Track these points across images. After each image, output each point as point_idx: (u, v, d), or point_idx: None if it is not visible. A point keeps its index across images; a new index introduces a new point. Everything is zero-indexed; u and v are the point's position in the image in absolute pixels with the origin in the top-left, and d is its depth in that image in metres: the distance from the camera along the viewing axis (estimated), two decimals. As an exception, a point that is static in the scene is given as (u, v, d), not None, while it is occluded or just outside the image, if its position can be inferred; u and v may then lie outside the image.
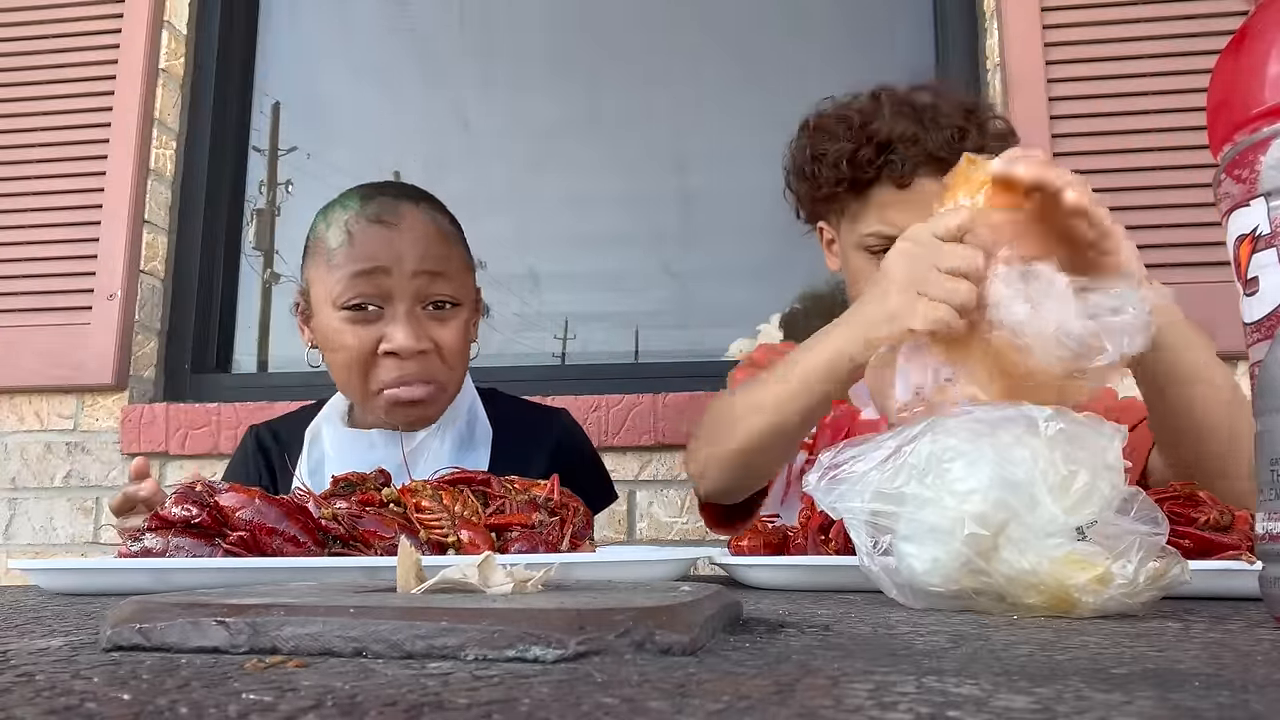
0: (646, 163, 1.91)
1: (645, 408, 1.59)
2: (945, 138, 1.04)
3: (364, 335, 1.01)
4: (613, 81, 1.98)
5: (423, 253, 1.03)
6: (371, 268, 1.01)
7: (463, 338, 1.07)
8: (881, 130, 1.07)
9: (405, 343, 1.00)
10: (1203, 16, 1.56)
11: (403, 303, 1.01)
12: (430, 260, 1.03)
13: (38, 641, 0.36)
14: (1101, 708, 0.22)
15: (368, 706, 0.22)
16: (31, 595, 0.63)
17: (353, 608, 0.31)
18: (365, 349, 1.01)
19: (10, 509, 1.73)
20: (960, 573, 0.48)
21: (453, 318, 1.05)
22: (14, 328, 1.75)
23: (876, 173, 1.07)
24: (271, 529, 0.68)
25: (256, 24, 2.04)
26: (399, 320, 1.00)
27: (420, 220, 1.06)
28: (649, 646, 0.30)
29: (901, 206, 1.07)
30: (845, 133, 1.09)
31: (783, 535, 0.76)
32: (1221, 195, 0.44)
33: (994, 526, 0.47)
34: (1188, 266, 1.50)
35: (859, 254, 1.12)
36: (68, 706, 0.22)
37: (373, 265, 1.01)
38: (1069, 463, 0.47)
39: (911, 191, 1.06)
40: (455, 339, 1.05)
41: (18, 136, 1.82)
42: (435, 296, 1.03)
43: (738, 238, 1.87)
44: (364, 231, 1.03)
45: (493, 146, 1.98)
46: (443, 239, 1.07)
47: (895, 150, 1.05)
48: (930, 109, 1.07)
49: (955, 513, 0.48)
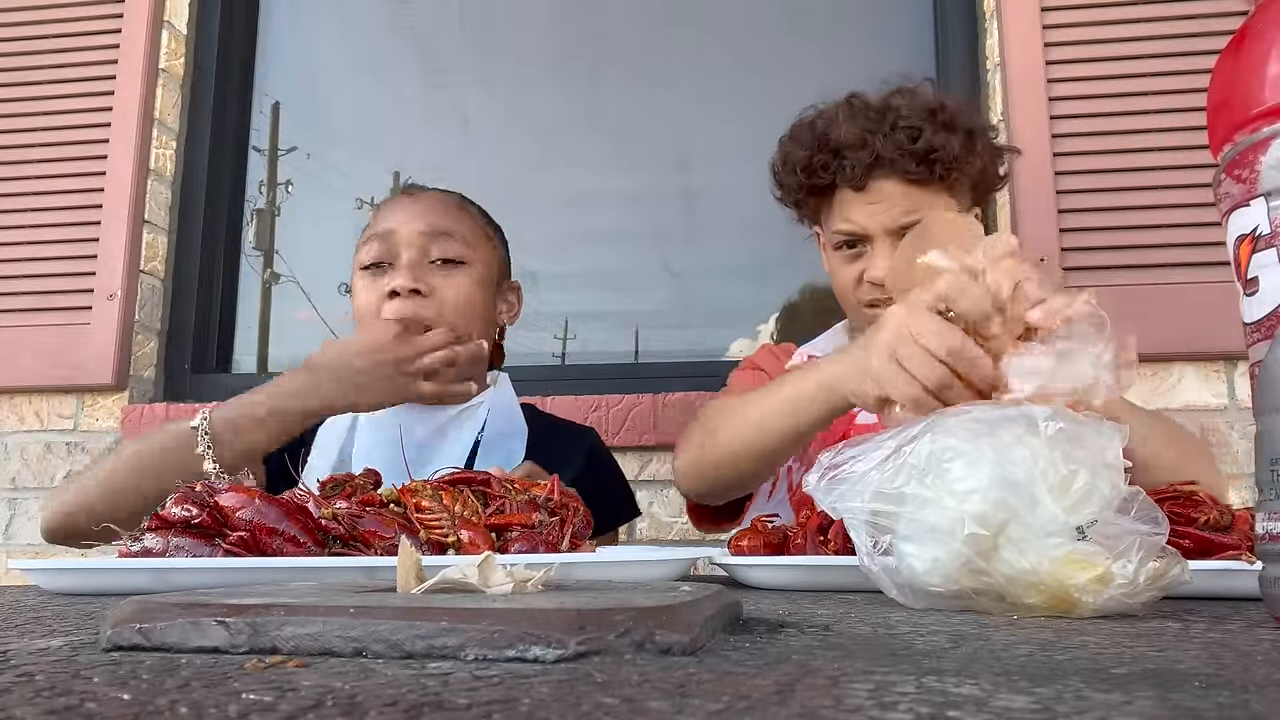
0: (647, 161, 1.91)
1: (645, 408, 1.59)
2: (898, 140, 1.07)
3: (375, 286, 1.10)
4: (613, 80, 1.98)
5: (430, 215, 1.13)
6: (384, 230, 1.11)
7: (468, 294, 1.13)
8: (833, 136, 1.11)
9: (402, 281, 1.08)
10: (1203, 16, 1.56)
11: (407, 253, 1.11)
12: (437, 220, 1.12)
13: (38, 641, 0.36)
14: (1101, 708, 0.22)
15: (368, 706, 0.22)
16: (31, 595, 0.63)
17: (353, 608, 0.31)
18: (376, 298, 1.10)
19: (10, 509, 1.73)
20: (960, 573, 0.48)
21: (457, 273, 1.12)
22: (14, 328, 1.75)
23: (832, 178, 1.12)
24: (271, 529, 0.68)
25: (256, 24, 2.04)
26: (401, 267, 1.10)
27: (437, 195, 1.18)
28: (649, 646, 0.30)
29: (859, 206, 1.11)
30: (807, 140, 1.14)
31: (783, 535, 0.76)
32: (1221, 195, 0.44)
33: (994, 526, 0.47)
34: (1188, 266, 1.50)
35: (833, 253, 1.17)
36: (68, 706, 0.22)
37: (385, 228, 1.11)
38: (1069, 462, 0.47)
39: (868, 193, 1.10)
40: (457, 292, 1.12)
41: (18, 136, 1.82)
42: (439, 254, 1.11)
43: (738, 237, 1.87)
44: (386, 204, 1.17)
45: (493, 145, 1.98)
46: (455, 208, 1.16)
47: (846, 156, 1.09)
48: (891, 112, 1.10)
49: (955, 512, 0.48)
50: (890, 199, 1.09)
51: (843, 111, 1.13)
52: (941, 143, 1.07)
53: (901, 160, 1.07)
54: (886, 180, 1.08)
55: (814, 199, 1.16)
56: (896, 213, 1.08)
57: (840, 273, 1.16)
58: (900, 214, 1.08)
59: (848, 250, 1.13)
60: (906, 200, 1.08)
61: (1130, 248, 1.53)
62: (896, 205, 1.08)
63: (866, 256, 1.12)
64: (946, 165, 1.07)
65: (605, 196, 1.92)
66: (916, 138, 1.07)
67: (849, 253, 1.13)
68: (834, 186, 1.13)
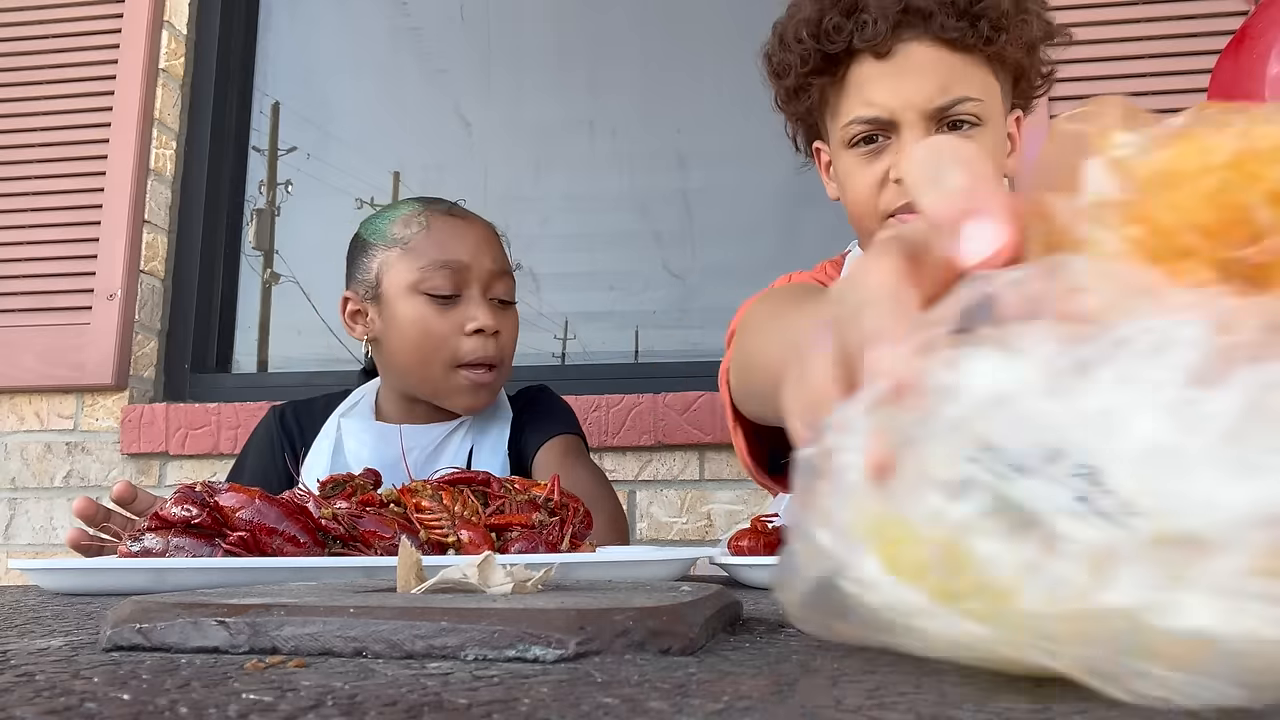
0: (647, 162, 1.91)
1: (645, 408, 1.59)
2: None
3: (449, 318, 1.11)
4: (613, 80, 1.98)
5: (493, 252, 1.16)
6: (454, 260, 1.12)
7: (517, 332, 1.19)
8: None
9: (488, 321, 1.11)
10: (1203, 16, 1.56)
11: (480, 289, 1.13)
12: (498, 258, 1.16)
13: (38, 641, 0.36)
14: (1101, 708, 0.22)
15: (368, 706, 0.22)
16: (31, 595, 0.63)
17: (353, 608, 0.31)
18: (451, 329, 1.11)
19: (10, 509, 1.73)
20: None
21: (510, 313, 1.18)
22: (14, 328, 1.75)
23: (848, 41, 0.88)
24: (271, 529, 0.68)
25: (256, 24, 2.04)
26: (480, 303, 1.12)
27: (482, 222, 1.19)
28: (649, 646, 0.30)
29: (882, 80, 0.87)
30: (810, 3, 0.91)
31: (783, 535, 0.76)
32: (1221, 195, 0.44)
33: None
34: (1188, 266, 1.50)
35: (844, 153, 0.93)
36: (68, 706, 0.22)
37: (455, 258, 1.12)
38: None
39: (894, 60, 0.87)
40: (513, 331, 1.18)
41: (18, 136, 1.82)
42: (501, 294, 1.16)
43: (738, 237, 1.87)
44: (441, 221, 1.15)
45: (493, 145, 1.98)
46: (499, 241, 1.19)
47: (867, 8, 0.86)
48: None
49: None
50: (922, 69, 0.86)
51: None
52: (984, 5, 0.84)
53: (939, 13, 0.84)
54: (918, 43, 0.86)
55: (820, 81, 0.92)
56: (931, 87, 0.86)
57: (856, 177, 0.91)
58: (936, 89, 0.86)
59: (865, 146, 0.90)
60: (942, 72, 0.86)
61: (1130, 248, 1.53)
62: (931, 77, 0.86)
63: (891, 151, 0.88)
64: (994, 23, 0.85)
65: (605, 197, 1.92)
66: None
67: (867, 149, 0.90)
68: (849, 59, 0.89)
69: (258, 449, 1.24)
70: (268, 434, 1.24)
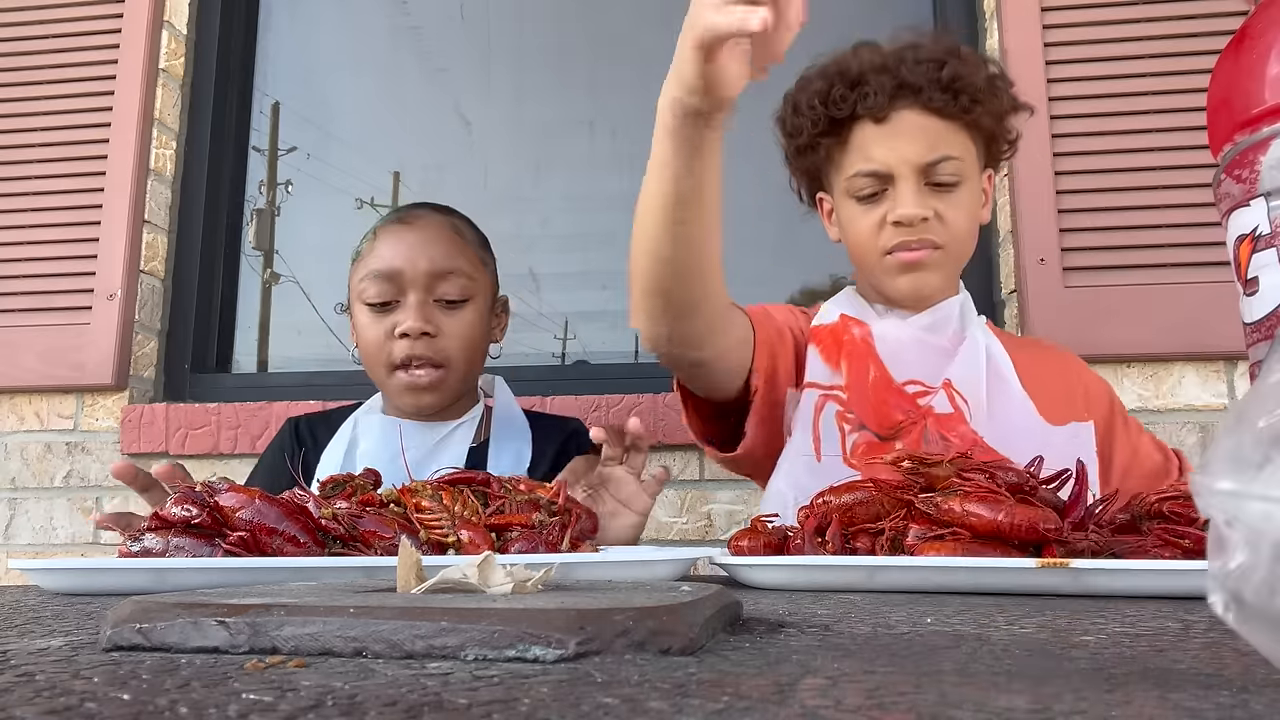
0: (646, 162, 1.90)
1: (645, 408, 1.59)
2: (922, 69, 1.04)
3: (381, 323, 1.15)
4: (613, 80, 1.98)
5: (433, 250, 1.16)
6: (389, 270, 1.15)
7: (472, 330, 1.18)
8: (854, 67, 1.07)
9: (413, 324, 1.13)
10: (1203, 16, 1.56)
11: (415, 294, 1.15)
12: (440, 259, 1.16)
13: (38, 641, 0.36)
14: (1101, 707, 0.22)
15: (368, 706, 0.22)
16: (31, 595, 0.63)
17: (353, 608, 0.31)
18: (383, 334, 1.15)
19: (10, 509, 1.73)
20: None
21: (460, 311, 1.17)
22: (14, 328, 1.75)
23: (852, 109, 1.06)
24: (271, 529, 0.68)
25: (256, 24, 2.04)
26: (412, 307, 1.14)
27: (434, 223, 1.19)
28: (649, 646, 0.30)
29: (880, 141, 1.05)
30: (819, 79, 1.09)
31: (782, 535, 0.76)
32: (1221, 195, 0.44)
33: None
34: (1188, 266, 1.50)
35: (848, 202, 1.10)
36: (68, 706, 0.22)
37: (388, 266, 1.15)
38: None
39: (890, 124, 1.05)
40: (462, 329, 1.17)
41: (18, 136, 1.82)
42: (445, 294, 1.16)
43: (737, 237, 1.87)
44: (385, 231, 1.19)
45: (493, 145, 1.98)
46: (453, 240, 1.19)
47: (869, 82, 1.05)
48: (910, 47, 1.07)
49: None
50: (913, 132, 1.04)
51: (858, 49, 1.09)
52: (966, 73, 1.04)
53: (927, 88, 1.03)
54: (909, 110, 1.04)
55: (827, 141, 1.09)
56: (921, 146, 1.04)
57: (858, 223, 1.08)
58: (925, 148, 1.04)
59: (867, 196, 1.07)
60: (930, 134, 1.04)
61: (1130, 248, 1.53)
62: (921, 139, 1.04)
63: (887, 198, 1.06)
64: (971, 97, 1.04)
65: (605, 196, 1.92)
66: (941, 67, 1.04)
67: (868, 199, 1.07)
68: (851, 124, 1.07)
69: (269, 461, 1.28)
70: (280, 446, 1.28)
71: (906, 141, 1.04)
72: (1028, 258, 1.54)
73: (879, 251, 1.07)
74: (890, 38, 1.11)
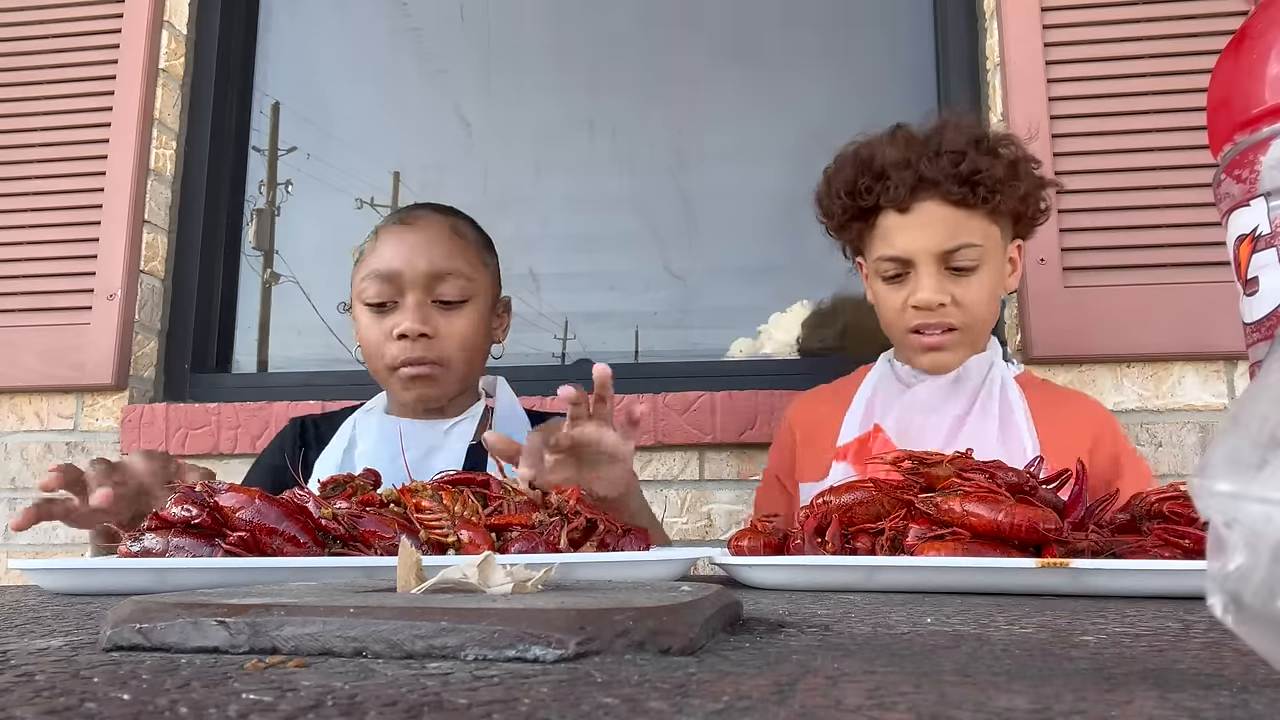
0: (647, 162, 1.91)
1: (645, 408, 1.59)
2: (942, 164, 1.10)
3: (380, 325, 1.16)
4: (613, 81, 1.98)
5: (432, 251, 1.16)
6: (387, 271, 1.15)
7: (470, 331, 1.18)
8: (879, 159, 1.13)
9: (410, 326, 1.13)
10: (1203, 16, 1.56)
11: (413, 296, 1.15)
12: (439, 259, 1.16)
13: (38, 641, 0.36)
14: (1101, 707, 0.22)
15: (368, 706, 0.22)
16: (31, 595, 0.63)
17: (353, 608, 0.31)
18: (382, 335, 1.16)
19: (10, 509, 1.73)
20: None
21: (458, 312, 1.17)
22: (14, 328, 1.75)
23: (876, 200, 1.14)
24: (271, 529, 0.68)
25: (256, 24, 2.04)
26: (411, 308, 1.15)
27: (434, 224, 1.19)
28: (649, 646, 0.30)
29: (903, 230, 1.13)
30: (852, 164, 1.17)
31: (783, 535, 0.76)
32: (1221, 195, 0.44)
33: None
34: (1188, 266, 1.50)
35: (876, 281, 1.19)
36: (68, 706, 0.22)
37: (386, 267, 1.15)
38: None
39: (912, 215, 1.12)
40: (461, 329, 1.17)
41: (18, 136, 1.82)
42: (443, 295, 1.16)
43: (738, 237, 1.87)
44: (386, 232, 1.19)
45: (493, 145, 1.98)
46: (453, 241, 1.19)
47: (890, 176, 1.12)
48: (935, 137, 1.13)
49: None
50: (933, 222, 1.11)
51: (887, 138, 1.16)
52: (985, 166, 1.09)
53: (945, 182, 1.09)
54: (930, 201, 1.11)
55: (857, 224, 1.18)
56: (940, 236, 1.11)
57: (885, 300, 1.18)
58: (944, 237, 1.11)
59: (892, 277, 1.15)
60: (950, 224, 1.11)
61: (1130, 248, 1.53)
62: (940, 228, 1.11)
63: (910, 281, 1.14)
64: (990, 189, 1.10)
65: (605, 197, 1.92)
66: (960, 161, 1.10)
67: (893, 279, 1.16)
68: (878, 211, 1.15)
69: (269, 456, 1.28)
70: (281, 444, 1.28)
71: (927, 232, 1.11)
72: (1028, 258, 1.54)
73: (903, 329, 1.16)
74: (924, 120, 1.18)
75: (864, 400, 1.22)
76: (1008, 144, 1.14)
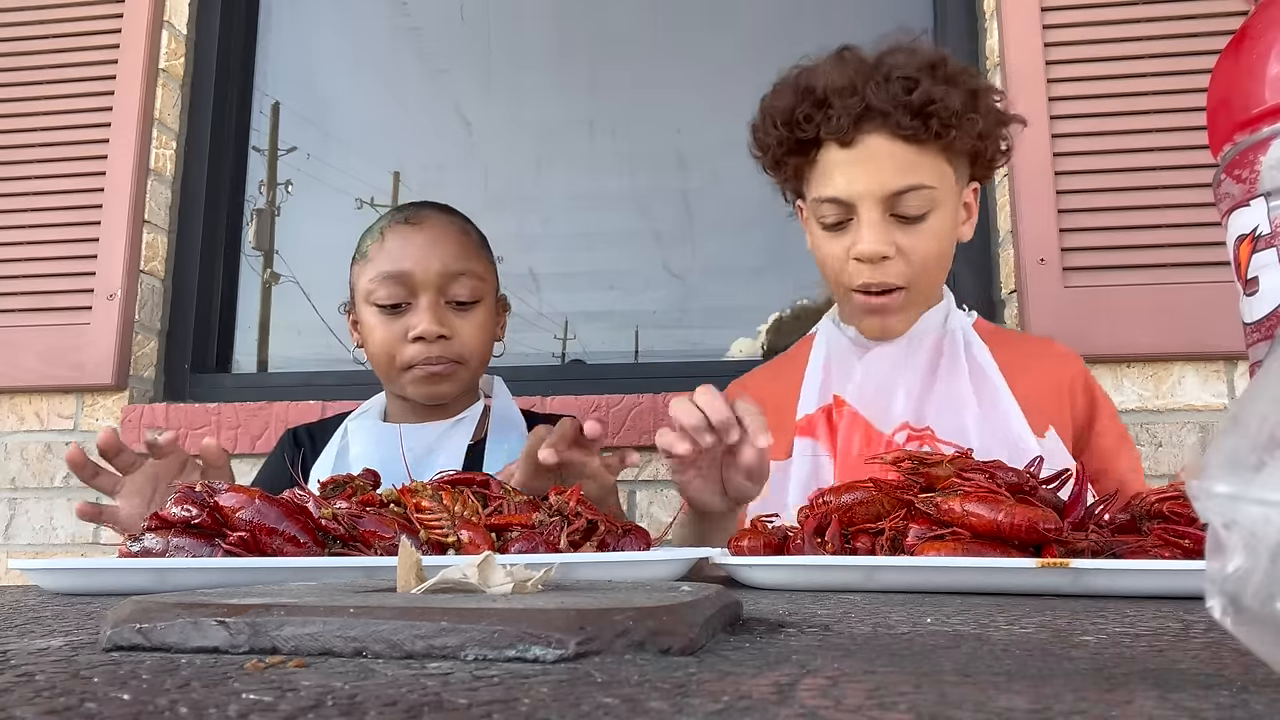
0: (647, 161, 1.91)
1: (645, 408, 1.59)
2: (892, 90, 0.95)
3: (395, 326, 1.15)
4: (613, 80, 1.98)
5: (442, 250, 1.16)
6: (399, 271, 1.14)
7: (484, 329, 1.19)
8: (820, 85, 0.98)
9: (428, 328, 1.13)
10: (1203, 16, 1.56)
11: (427, 296, 1.14)
12: (450, 259, 1.16)
13: (38, 641, 0.36)
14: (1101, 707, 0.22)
15: (368, 706, 0.22)
16: (31, 595, 0.63)
17: (353, 608, 0.31)
18: (395, 337, 1.14)
19: (10, 509, 1.73)
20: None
21: (470, 312, 1.17)
22: (14, 328, 1.75)
23: (816, 131, 0.99)
24: (271, 529, 0.68)
25: (256, 24, 2.04)
26: (423, 310, 1.14)
27: (443, 224, 1.18)
28: (649, 646, 0.30)
29: (844, 166, 0.98)
30: (790, 90, 1.02)
31: (783, 535, 0.76)
32: (1221, 195, 0.44)
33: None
34: (1188, 266, 1.50)
35: (814, 226, 1.04)
36: (68, 706, 0.22)
37: (398, 269, 1.14)
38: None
39: (855, 150, 0.97)
40: (473, 329, 1.17)
41: (18, 136, 1.82)
42: (457, 295, 1.16)
43: (738, 237, 1.87)
44: (393, 232, 1.17)
45: (493, 146, 1.98)
46: (462, 242, 1.18)
47: (833, 104, 0.97)
48: (884, 62, 0.99)
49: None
50: (879, 158, 0.96)
51: (832, 61, 1.01)
52: (940, 95, 0.95)
53: (894, 112, 0.95)
54: (876, 135, 0.96)
55: (795, 159, 1.03)
56: (886, 175, 0.96)
57: (824, 250, 1.02)
58: (891, 177, 0.96)
59: (833, 225, 1.01)
60: (898, 161, 0.96)
61: (1130, 248, 1.53)
62: (887, 166, 0.96)
63: (851, 229, 0.99)
64: (945, 121, 0.95)
65: (605, 196, 1.92)
66: (912, 89, 0.95)
67: (833, 227, 1.01)
68: (818, 144, 1.00)
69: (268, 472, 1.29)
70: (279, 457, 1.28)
71: (870, 170, 0.97)
72: (1028, 258, 1.54)
73: (845, 286, 1.03)
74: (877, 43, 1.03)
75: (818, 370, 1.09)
76: (966, 71, 0.99)
